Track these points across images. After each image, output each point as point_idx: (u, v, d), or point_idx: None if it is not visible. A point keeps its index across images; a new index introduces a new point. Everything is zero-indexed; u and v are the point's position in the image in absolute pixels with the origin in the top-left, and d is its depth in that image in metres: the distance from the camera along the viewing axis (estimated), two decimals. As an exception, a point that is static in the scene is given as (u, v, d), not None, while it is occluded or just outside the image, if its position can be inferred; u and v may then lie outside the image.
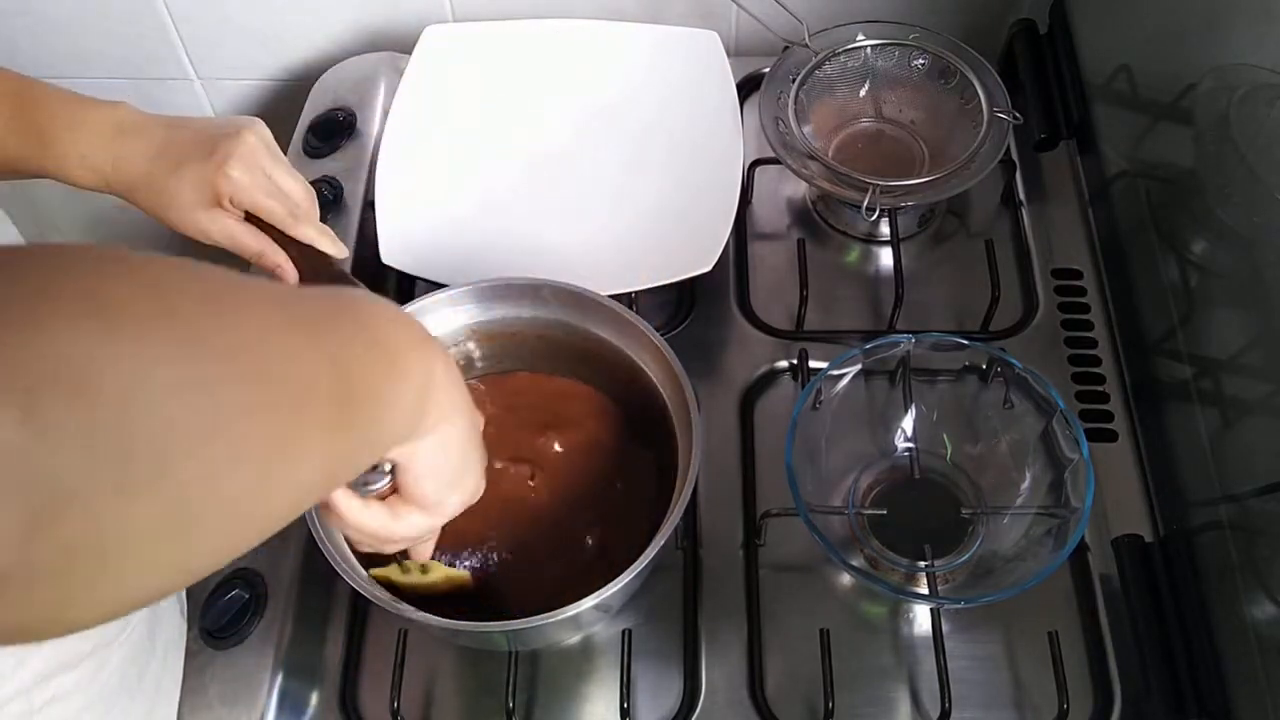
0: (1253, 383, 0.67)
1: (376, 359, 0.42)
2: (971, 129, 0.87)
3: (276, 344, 0.35)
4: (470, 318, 0.74)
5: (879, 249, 0.91)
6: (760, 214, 0.93)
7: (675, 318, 0.87)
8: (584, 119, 0.95)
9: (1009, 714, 0.69)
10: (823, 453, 0.75)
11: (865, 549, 0.74)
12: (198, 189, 0.64)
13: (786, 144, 0.87)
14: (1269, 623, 0.62)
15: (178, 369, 0.30)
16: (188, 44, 1.09)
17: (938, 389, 0.78)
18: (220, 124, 0.67)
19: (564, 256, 0.85)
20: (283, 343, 0.36)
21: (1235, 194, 0.69)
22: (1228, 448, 0.68)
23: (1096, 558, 0.74)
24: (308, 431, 0.36)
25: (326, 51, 1.09)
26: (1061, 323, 0.85)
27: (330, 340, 0.39)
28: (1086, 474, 0.67)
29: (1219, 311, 0.71)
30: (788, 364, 0.84)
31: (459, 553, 0.70)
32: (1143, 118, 0.83)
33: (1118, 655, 0.71)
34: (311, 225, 0.69)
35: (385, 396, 0.42)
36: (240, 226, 0.67)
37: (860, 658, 0.71)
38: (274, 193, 0.67)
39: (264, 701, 0.68)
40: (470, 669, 0.72)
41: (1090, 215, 0.91)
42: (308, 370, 0.36)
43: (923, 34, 0.91)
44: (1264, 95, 0.65)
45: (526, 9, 1.00)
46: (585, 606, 0.60)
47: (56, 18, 1.07)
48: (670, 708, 0.70)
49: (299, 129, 0.97)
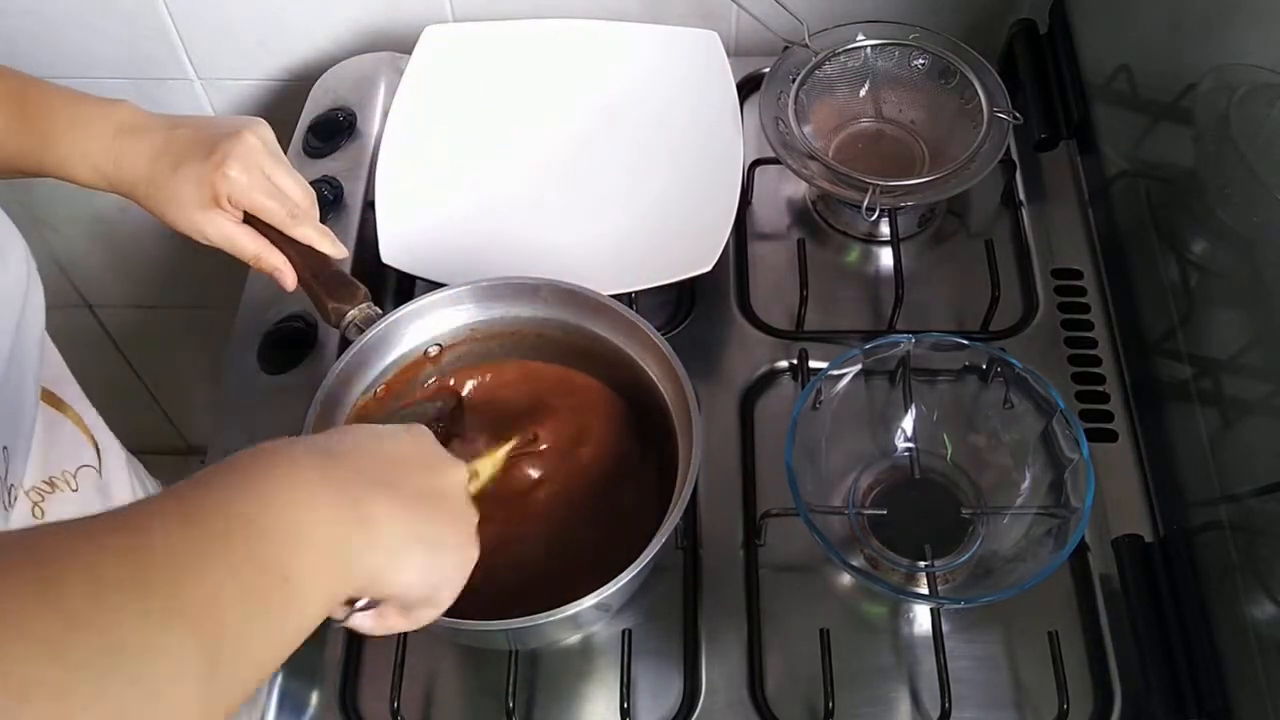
0: (1253, 383, 0.67)
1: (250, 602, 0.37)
2: (971, 129, 0.87)
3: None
4: (470, 317, 0.74)
5: (879, 249, 0.91)
6: (760, 214, 0.93)
7: (675, 318, 0.87)
8: (584, 119, 0.95)
9: (1009, 714, 0.69)
10: (823, 453, 0.75)
11: (865, 549, 0.73)
12: (196, 189, 0.64)
13: (786, 144, 0.87)
14: (1269, 623, 0.62)
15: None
16: (188, 44, 1.09)
17: (938, 389, 0.78)
18: (221, 124, 0.67)
19: (564, 256, 0.85)
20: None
21: (1235, 194, 0.69)
22: (1228, 448, 0.68)
23: (1096, 558, 0.74)
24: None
25: (326, 51, 1.09)
26: (1061, 323, 0.85)
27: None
28: (1086, 474, 0.67)
29: (1219, 311, 0.71)
30: (788, 364, 0.84)
31: None
32: (1143, 118, 0.83)
33: (1118, 655, 0.71)
34: (311, 226, 0.69)
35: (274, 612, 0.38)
36: (238, 229, 0.67)
37: (860, 658, 0.71)
38: (273, 193, 0.67)
39: (264, 701, 0.68)
40: (470, 669, 0.72)
41: (1090, 215, 0.91)
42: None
43: (923, 34, 0.91)
44: (1264, 95, 0.65)
45: (526, 9, 1.00)
46: (585, 606, 0.60)
47: (56, 18, 1.07)
48: (670, 708, 0.70)
49: (299, 129, 0.98)
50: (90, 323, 1.47)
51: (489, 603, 0.69)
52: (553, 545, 0.71)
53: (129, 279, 1.40)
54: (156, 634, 0.33)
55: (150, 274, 1.39)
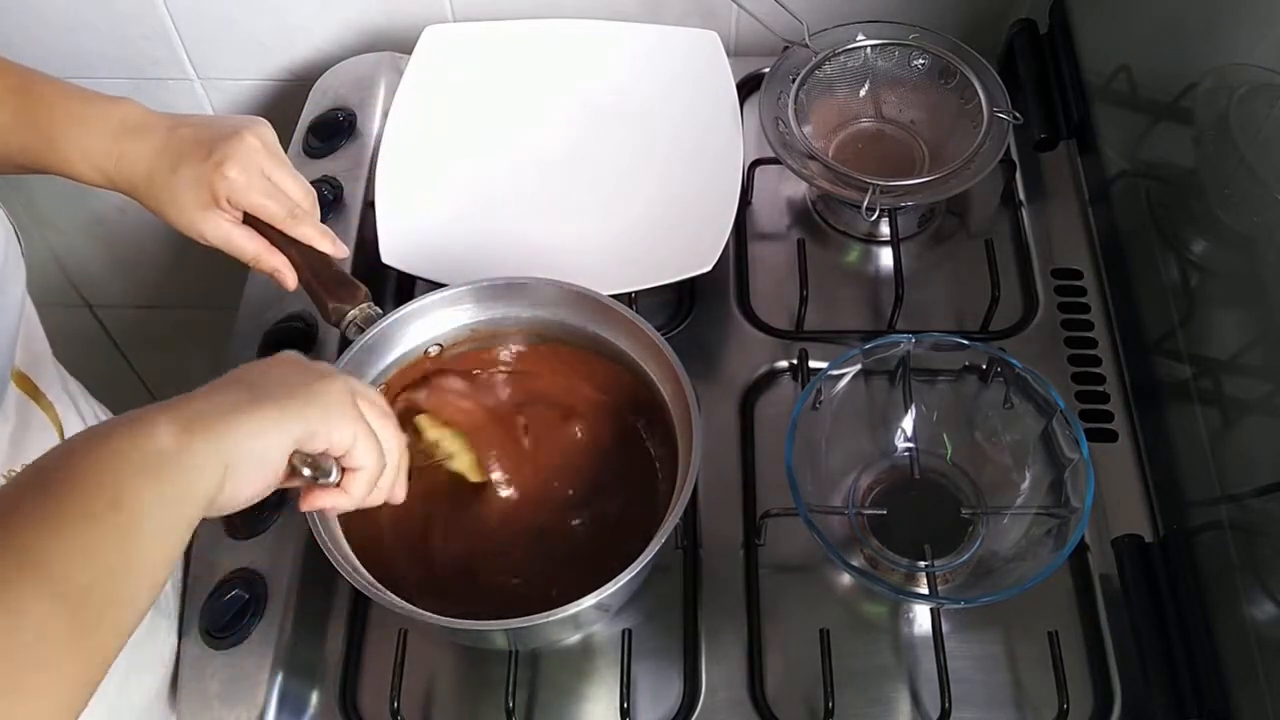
0: (1253, 383, 0.67)
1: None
2: (971, 129, 0.87)
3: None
4: (470, 317, 0.74)
5: (879, 249, 0.91)
6: (760, 214, 0.93)
7: (675, 318, 0.87)
8: (584, 119, 0.95)
9: (1009, 714, 0.69)
10: (823, 453, 0.75)
11: (865, 549, 0.74)
12: (195, 189, 0.64)
13: (786, 144, 0.87)
14: (1269, 623, 0.62)
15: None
16: (188, 44, 1.09)
17: (938, 389, 0.78)
18: (222, 124, 0.67)
19: (564, 256, 0.85)
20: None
21: (1235, 194, 0.69)
22: (1228, 448, 0.68)
23: (1096, 558, 0.74)
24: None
25: (326, 51, 1.09)
26: (1061, 323, 0.85)
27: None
28: (1086, 474, 0.67)
29: (1219, 311, 0.71)
30: (788, 364, 0.84)
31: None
32: (1143, 118, 0.83)
33: (1118, 655, 0.71)
34: (311, 225, 0.69)
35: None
36: (237, 229, 0.67)
37: (860, 658, 0.71)
38: (272, 193, 0.66)
39: (264, 701, 0.68)
40: (470, 669, 0.72)
41: (1090, 215, 0.91)
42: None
43: (923, 34, 0.91)
44: (1264, 95, 0.65)
45: (526, 9, 1.00)
46: (585, 606, 0.60)
47: (56, 18, 1.07)
48: (670, 708, 0.70)
49: (299, 129, 0.97)
50: (90, 323, 1.47)
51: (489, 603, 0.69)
52: (553, 545, 0.71)
53: (129, 279, 1.40)
54: (13, 597, 0.37)
55: (150, 274, 1.39)
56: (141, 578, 0.43)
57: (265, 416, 0.49)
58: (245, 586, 0.72)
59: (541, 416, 0.76)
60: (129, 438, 0.45)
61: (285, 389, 0.52)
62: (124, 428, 0.45)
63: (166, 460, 0.45)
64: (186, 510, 0.46)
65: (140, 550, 0.43)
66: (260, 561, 0.73)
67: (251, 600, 0.71)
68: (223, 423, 0.48)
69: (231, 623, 0.70)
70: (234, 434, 0.48)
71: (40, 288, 0.71)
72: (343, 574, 0.61)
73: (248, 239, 0.67)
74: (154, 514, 0.44)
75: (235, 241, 0.67)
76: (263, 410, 0.50)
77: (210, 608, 0.71)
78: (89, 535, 0.41)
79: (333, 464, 0.54)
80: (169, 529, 0.45)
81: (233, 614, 0.71)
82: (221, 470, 0.47)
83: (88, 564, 0.41)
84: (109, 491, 0.43)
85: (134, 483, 0.43)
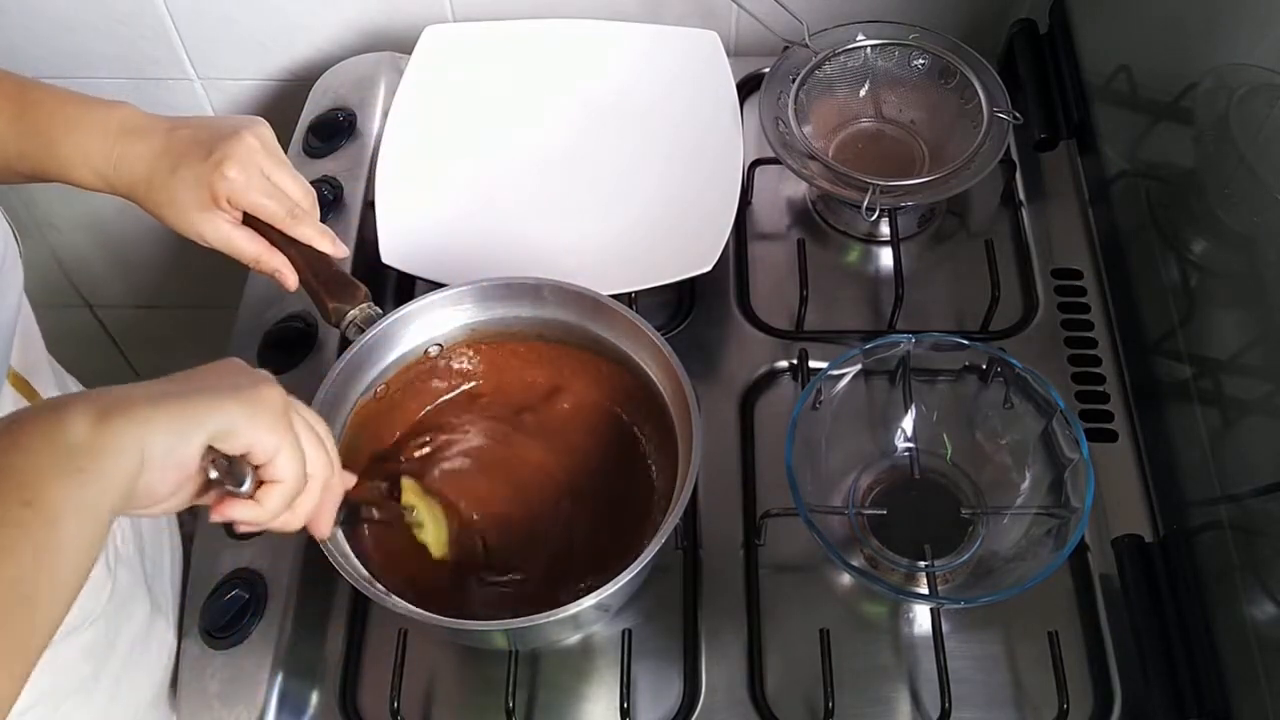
0: (1253, 383, 0.67)
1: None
2: (971, 129, 0.87)
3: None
4: (470, 317, 0.74)
5: (879, 249, 0.91)
6: (760, 214, 0.93)
7: (675, 318, 0.87)
8: (584, 119, 0.95)
9: (1009, 714, 0.69)
10: (823, 453, 0.75)
11: (865, 549, 0.74)
12: (194, 190, 0.64)
13: (786, 144, 0.87)
14: (1269, 623, 0.62)
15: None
16: (188, 44, 1.09)
17: (938, 389, 0.78)
18: (221, 124, 0.67)
19: (564, 256, 0.85)
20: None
21: (1235, 194, 0.69)
22: (1228, 448, 0.68)
23: (1096, 558, 0.74)
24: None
25: (326, 51, 1.09)
26: (1061, 323, 0.85)
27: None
28: (1086, 474, 0.67)
29: (1219, 311, 0.71)
30: (788, 364, 0.84)
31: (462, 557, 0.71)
32: (1143, 118, 0.83)
33: (1118, 655, 0.71)
34: (311, 225, 0.69)
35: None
36: (237, 230, 0.66)
37: (860, 658, 0.71)
38: (272, 193, 0.66)
39: (264, 701, 0.68)
40: (470, 669, 0.72)
41: (1090, 215, 0.91)
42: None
43: (923, 34, 0.91)
44: (1264, 95, 0.65)
45: (526, 9, 1.00)
46: (585, 606, 0.60)
47: (56, 18, 1.07)
48: (670, 708, 0.70)
49: (299, 129, 0.97)
50: (90, 323, 1.47)
51: (489, 603, 0.69)
52: (553, 545, 0.71)
53: (129, 279, 1.40)
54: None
55: (150, 274, 1.39)
56: (59, 574, 0.43)
57: (186, 406, 0.48)
58: (245, 586, 0.72)
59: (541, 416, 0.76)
60: (43, 432, 0.44)
61: (214, 386, 0.50)
62: (39, 420, 0.44)
63: (80, 452, 0.44)
64: (103, 501, 0.45)
65: (57, 548, 0.43)
66: (260, 561, 0.73)
67: (251, 600, 0.71)
68: (140, 410, 0.46)
69: (231, 623, 0.70)
70: (151, 421, 0.46)
71: (40, 288, 0.71)
72: (343, 574, 0.61)
73: (248, 240, 0.67)
74: (69, 512, 0.43)
75: (235, 242, 0.67)
76: (185, 401, 0.48)
77: (210, 608, 0.71)
78: (3, 537, 0.41)
79: (248, 472, 0.51)
80: (86, 524, 0.44)
81: (233, 614, 0.71)
82: (138, 459, 0.46)
83: (2, 564, 0.41)
84: (24, 492, 0.42)
85: (48, 481, 0.43)
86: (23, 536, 0.42)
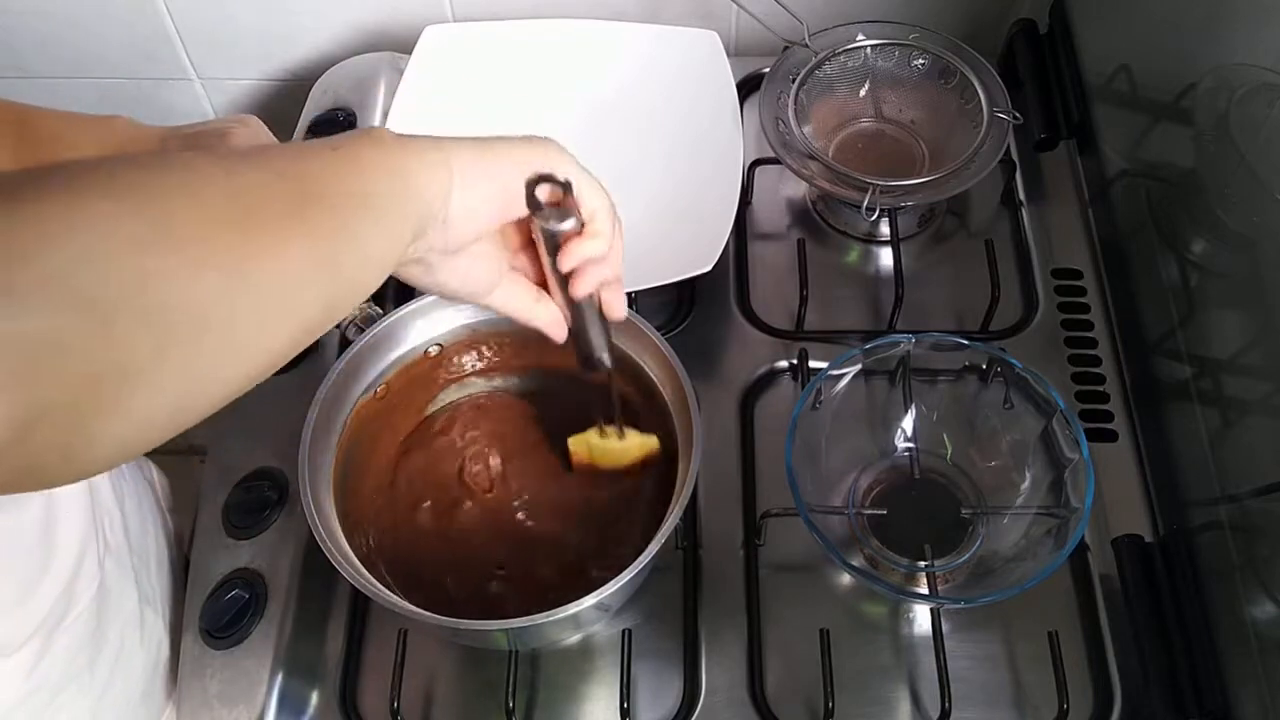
0: (1253, 383, 0.67)
1: (338, 163, 0.44)
2: (971, 129, 0.87)
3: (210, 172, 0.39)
4: (470, 317, 0.74)
5: (879, 249, 0.91)
6: (760, 214, 0.93)
7: (675, 318, 0.87)
8: (584, 119, 0.95)
9: (1009, 714, 0.69)
10: (823, 453, 0.75)
11: (865, 549, 0.74)
12: None
13: (786, 144, 0.87)
14: (1269, 623, 0.62)
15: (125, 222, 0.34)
16: (188, 44, 1.09)
17: (938, 389, 0.78)
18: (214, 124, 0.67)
19: (564, 256, 0.85)
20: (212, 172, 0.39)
21: (1235, 194, 0.69)
22: (1228, 448, 0.68)
23: (1096, 558, 0.74)
24: (263, 238, 0.39)
25: (326, 51, 1.09)
26: (1061, 323, 0.85)
27: (276, 159, 0.42)
28: (1086, 474, 0.67)
29: (1219, 311, 0.71)
30: (788, 364, 0.84)
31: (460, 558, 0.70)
32: (1143, 118, 0.83)
33: (1118, 655, 0.71)
34: None
35: (358, 197, 0.44)
36: None
37: (860, 658, 0.71)
38: None
39: (264, 701, 0.68)
40: (470, 669, 0.72)
41: (1090, 215, 0.91)
42: (250, 184, 0.40)
43: (923, 34, 0.91)
44: (1264, 95, 0.65)
45: (526, 9, 1.00)
46: (585, 605, 0.60)
47: (56, 18, 1.07)
48: (670, 708, 0.70)
49: (299, 129, 0.98)
50: (90, 323, 1.47)
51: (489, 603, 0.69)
52: (553, 545, 0.71)
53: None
54: (286, 248, 0.40)
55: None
56: (380, 257, 0.46)
57: (494, 143, 0.50)
58: (245, 586, 0.72)
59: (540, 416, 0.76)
60: (366, 140, 0.46)
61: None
62: (358, 138, 0.46)
63: (393, 151, 0.46)
64: (410, 209, 0.46)
65: (380, 232, 0.45)
66: (260, 561, 0.73)
67: (251, 600, 0.71)
68: (447, 140, 0.48)
69: (231, 623, 0.71)
70: (460, 146, 0.48)
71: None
72: (343, 574, 0.61)
73: None
74: (392, 210, 0.45)
75: None
76: (486, 141, 0.50)
77: (210, 608, 0.71)
78: (331, 219, 0.43)
79: (573, 206, 0.52)
80: (397, 225, 0.46)
81: (233, 614, 0.71)
82: (447, 171, 0.47)
83: (344, 236, 0.43)
84: (366, 181, 0.44)
85: (382, 183, 0.45)
86: (338, 223, 0.43)
